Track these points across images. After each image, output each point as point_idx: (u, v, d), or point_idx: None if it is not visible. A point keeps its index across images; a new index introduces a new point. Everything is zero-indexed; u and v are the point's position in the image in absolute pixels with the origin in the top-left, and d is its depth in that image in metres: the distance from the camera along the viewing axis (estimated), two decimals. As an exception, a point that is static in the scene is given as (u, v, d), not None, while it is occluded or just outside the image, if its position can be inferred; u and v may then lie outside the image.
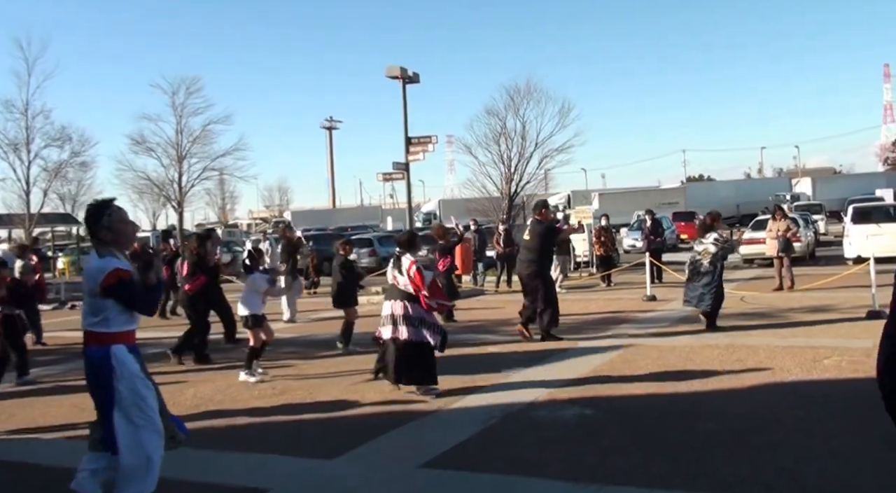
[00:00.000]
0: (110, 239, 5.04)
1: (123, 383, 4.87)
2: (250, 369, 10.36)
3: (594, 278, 23.11)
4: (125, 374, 4.88)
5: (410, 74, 22.87)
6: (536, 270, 12.71)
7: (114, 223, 5.03)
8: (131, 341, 5.08)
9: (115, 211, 5.09)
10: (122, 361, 4.90)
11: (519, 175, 30.32)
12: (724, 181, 73.65)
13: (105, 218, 5.02)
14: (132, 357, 4.98)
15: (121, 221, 5.09)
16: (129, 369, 4.91)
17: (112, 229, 5.02)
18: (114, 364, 4.88)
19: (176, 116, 39.60)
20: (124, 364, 4.90)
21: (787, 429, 6.76)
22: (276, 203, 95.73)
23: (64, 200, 42.97)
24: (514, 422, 7.53)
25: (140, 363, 5.05)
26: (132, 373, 4.91)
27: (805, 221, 27.17)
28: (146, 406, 4.92)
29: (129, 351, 4.99)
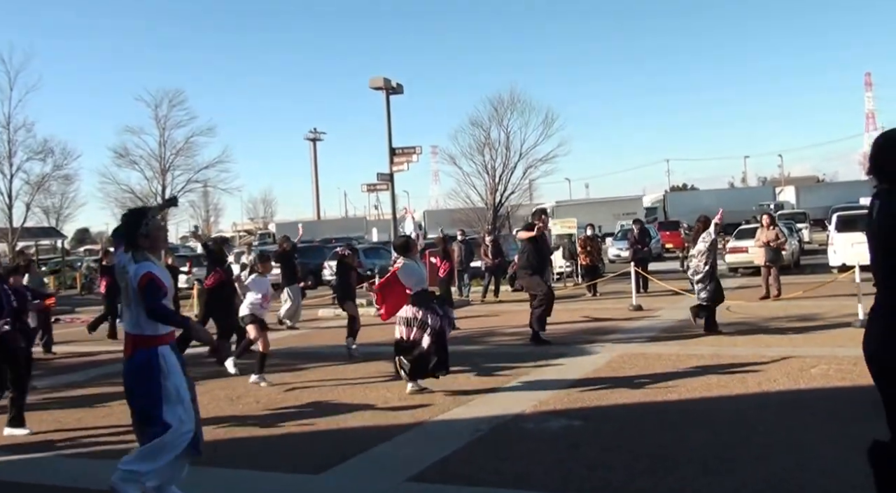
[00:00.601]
0: (148, 245, 5.36)
1: (171, 379, 5.17)
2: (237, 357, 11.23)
3: (580, 287, 23.10)
4: (172, 370, 5.20)
5: (394, 85, 22.83)
6: (527, 271, 13.14)
7: (151, 230, 5.37)
8: (172, 341, 5.39)
9: (151, 219, 5.45)
10: (168, 359, 5.22)
11: (503, 185, 30.38)
12: (708, 190, 73.82)
13: (143, 226, 5.35)
14: (175, 357, 5.31)
15: (157, 228, 5.47)
16: (175, 368, 5.24)
17: (150, 236, 5.36)
18: (161, 363, 5.18)
19: (159, 129, 39.52)
20: (170, 362, 5.21)
21: (774, 440, 6.73)
22: (260, 215, 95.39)
23: (48, 213, 42.64)
24: (501, 434, 7.48)
25: (182, 364, 5.37)
26: (178, 371, 5.24)
27: (789, 229, 27.25)
28: (188, 406, 5.26)
29: (174, 349, 5.34)
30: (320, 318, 19.87)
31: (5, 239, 35.62)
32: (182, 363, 5.39)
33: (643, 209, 54.77)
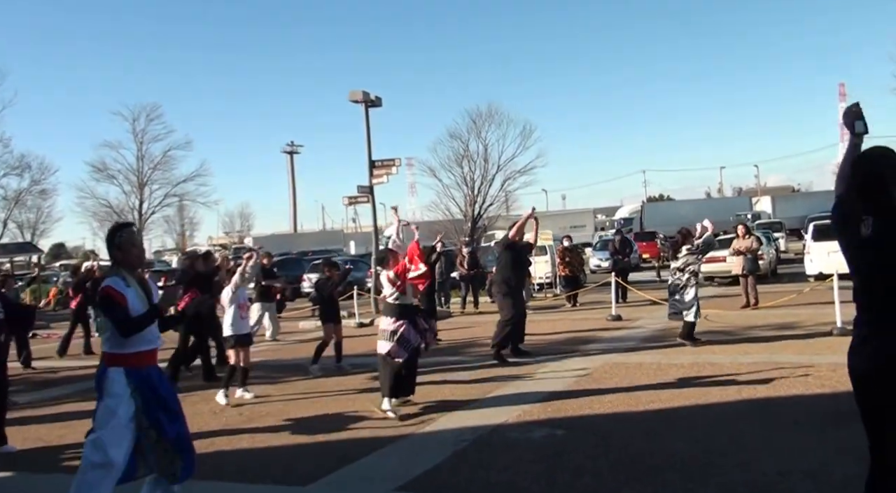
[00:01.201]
0: (119, 258, 5.32)
1: (105, 400, 5.09)
2: (227, 389, 10.50)
3: (559, 298, 23.20)
4: (113, 394, 5.07)
5: (373, 98, 22.91)
6: (500, 288, 13.03)
7: (123, 243, 5.32)
8: (139, 362, 5.19)
9: (126, 233, 5.42)
10: (114, 383, 5.09)
11: (482, 197, 30.47)
12: (684, 200, 74.20)
13: (116, 238, 5.34)
14: (124, 381, 5.09)
15: (129, 242, 5.37)
16: (116, 391, 5.07)
17: (121, 249, 5.31)
18: (106, 384, 5.11)
19: (137, 143, 39.40)
20: (115, 387, 5.08)
21: (756, 446, 6.81)
22: (236, 229, 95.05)
23: (22, 228, 42.33)
24: (485, 444, 7.51)
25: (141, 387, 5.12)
26: (118, 395, 5.07)
27: (767, 239, 27.48)
28: (114, 427, 5.03)
29: (130, 374, 5.11)
30: (301, 330, 19.85)
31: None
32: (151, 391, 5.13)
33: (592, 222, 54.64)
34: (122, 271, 5.28)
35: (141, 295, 5.26)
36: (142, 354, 5.22)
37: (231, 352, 10.63)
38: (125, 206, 39.55)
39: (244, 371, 10.67)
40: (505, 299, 12.94)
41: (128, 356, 5.15)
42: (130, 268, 5.37)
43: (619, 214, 64.73)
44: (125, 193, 39.52)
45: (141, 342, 5.20)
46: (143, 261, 5.57)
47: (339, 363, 12.70)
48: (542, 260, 26.17)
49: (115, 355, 5.16)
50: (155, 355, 5.41)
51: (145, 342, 5.24)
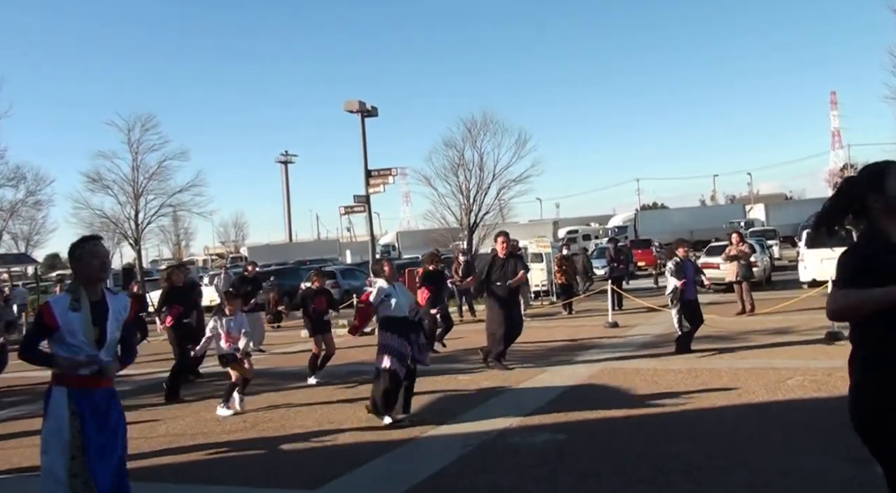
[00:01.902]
0: (78, 270, 5.02)
1: (48, 422, 4.85)
2: (227, 402, 10.42)
3: (556, 306, 23.32)
4: (54, 415, 4.83)
5: (369, 108, 23.06)
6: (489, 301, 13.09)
7: (83, 255, 4.98)
8: (80, 383, 4.85)
9: (88, 245, 5.05)
10: (54, 402, 4.84)
11: (478, 206, 30.55)
12: (678, 208, 74.52)
13: (77, 250, 5.00)
14: (66, 402, 4.81)
15: (90, 254, 5.00)
16: (56, 413, 4.83)
17: (80, 261, 4.97)
18: (49, 402, 4.87)
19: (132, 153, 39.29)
20: (54, 405, 4.84)
21: (756, 449, 6.93)
22: (231, 239, 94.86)
23: (17, 240, 42.21)
24: (489, 449, 7.62)
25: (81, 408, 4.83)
26: (58, 417, 4.81)
27: (760, 246, 27.63)
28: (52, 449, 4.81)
29: (71, 395, 4.82)
30: (302, 339, 19.89)
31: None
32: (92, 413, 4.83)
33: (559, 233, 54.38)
34: (79, 290, 4.93)
35: (86, 319, 4.86)
36: (86, 377, 4.86)
37: (231, 371, 10.61)
38: (121, 216, 39.42)
39: (244, 381, 10.68)
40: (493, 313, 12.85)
41: (70, 377, 4.84)
42: (92, 282, 5.01)
43: (612, 222, 64.95)
44: (120, 203, 39.38)
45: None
46: (105, 273, 5.14)
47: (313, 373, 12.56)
48: (538, 267, 26.30)
49: (57, 374, 4.89)
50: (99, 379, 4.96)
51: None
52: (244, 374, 10.56)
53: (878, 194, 3.36)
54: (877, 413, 3.32)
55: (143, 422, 9.95)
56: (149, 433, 9.24)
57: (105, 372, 4.91)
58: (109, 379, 5.01)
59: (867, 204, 3.40)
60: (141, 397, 12.03)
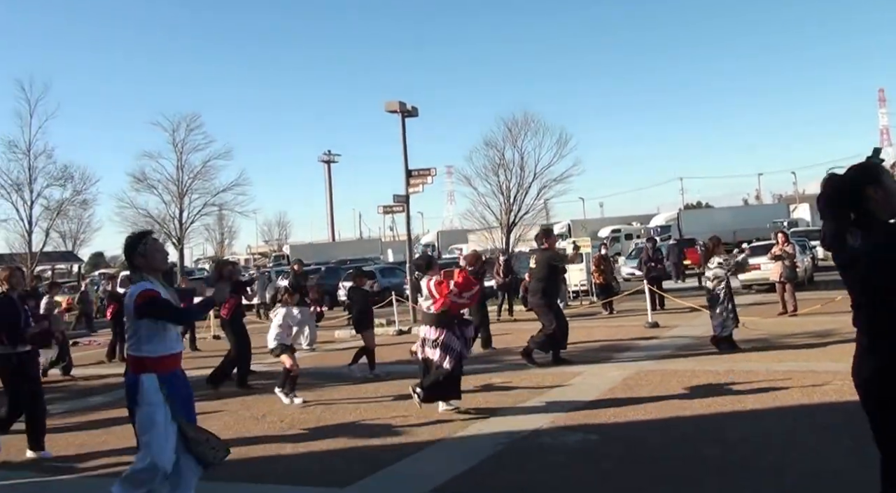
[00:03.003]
0: (143, 264, 5.54)
1: (145, 409, 5.29)
2: (283, 387, 10.93)
3: (595, 305, 23.22)
4: (150, 401, 5.27)
5: (409, 108, 23.10)
6: (541, 297, 13.03)
7: (148, 250, 5.56)
8: (166, 367, 5.41)
9: (150, 240, 5.68)
10: (147, 390, 5.28)
11: (518, 205, 30.44)
12: (721, 208, 73.69)
13: (140, 246, 5.56)
14: (157, 386, 5.30)
15: (154, 248, 5.63)
16: (152, 398, 5.28)
17: (146, 256, 5.55)
18: (140, 391, 5.29)
19: (176, 153, 39.87)
20: (148, 393, 5.28)
21: (788, 452, 6.89)
22: (274, 238, 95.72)
23: (64, 238, 42.94)
24: (519, 449, 7.66)
25: (172, 392, 5.35)
26: (154, 401, 5.27)
27: (803, 246, 27.27)
28: (157, 432, 5.27)
29: (162, 380, 5.33)
30: (337, 339, 20.06)
31: (24, 264, 35.89)
32: (179, 395, 5.42)
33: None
34: (148, 277, 5.50)
35: (171, 296, 5.58)
36: (169, 357, 5.45)
37: (284, 358, 10.94)
38: (165, 215, 39.99)
39: (293, 377, 10.95)
40: (545, 310, 13.08)
41: (158, 360, 5.37)
42: (157, 272, 5.62)
43: (654, 221, 64.30)
44: (165, 202, 39.98)
45: (167, 347, 5.44)
46: (167, 264, 5.86)
47: (373, 371, 12.91)
48: (576, 268, 26.21)
49: (143, 360, 5.37)
50: (180, 358, 5.63)
51: (170, 347, 5.47)
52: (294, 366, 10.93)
53: (876, 187, 3.76)
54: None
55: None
56: (186, 430, 9.37)
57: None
58: (180, 361, 5.63)
59: (866, 194, 3.76)
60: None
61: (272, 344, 11.03)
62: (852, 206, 3.79)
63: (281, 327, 11.02)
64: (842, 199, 3.82)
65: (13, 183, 35.23)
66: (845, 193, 3.82)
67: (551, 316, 12.99)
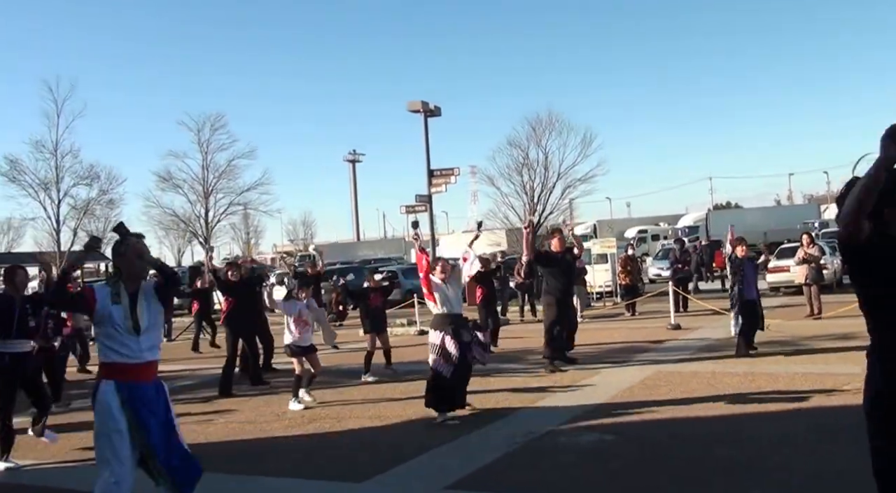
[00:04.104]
0: (121, 265, 5.24)
1: (99, 418, 5.02)
2: (297, 397, 10.75)
3: (618, 307, 23.17)
4: (103, 410, 4.99)
5: (432, 108, 23.21)
6: (543, 295, 13.13)
7: (127, 251, 5.19)
8: (126, 376, 5.03)
9: (133, 243, 5.23)
10: (105, 397, 5.00)
11: (542, 205, 30.45)
12: (751, 208, 73.01)
13: (122, 247, 5.20)
14: (115, 396, 4.97)
15: (133, 250, 5.20)
16: (105, 407, 4.98)
17: (124, 256, 5.20)
18: (99, 398, 5.03)
19: (202, 153, 40.18)
20: (105, 401, 4.99)
21: (799, 452, 6.93)
22: (300, 237, 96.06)
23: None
24: (534, 447, 7.72)
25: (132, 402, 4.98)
26: (107, 411, 4.97)
27: (833, 248, 27.00)
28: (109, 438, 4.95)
29: (119, 388, 4.98)
30: (360, 338, 20.11)
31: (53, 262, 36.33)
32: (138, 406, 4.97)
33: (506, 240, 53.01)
34: (119, 285, 5.14)
35: (125, 312, 5.05)
36: (133, 366, 5.04)
37: (293, 360, 10.93)
38: (191, 214, 40.32)
39: (310, 376, 10.99)
40: (550, 309, 12.96)
41: (119, 367, 5.02)
42: (133, 279, 5.21)
43: (682, 222, 63.91)
44: (190, 202, 40.30)
45: (126, 355, 5.02)
46: (146, 271, 5.35)
47: (390, 367, 13.02)
48: (601, 268, 26.17)
49: (105, 365, 5.09)
50: (148, 369, 5.14)
51: (134, 356, 5.04)
52: (314, 368, 10.96)
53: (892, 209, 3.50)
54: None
55: (200, 414, 10.25)
56: (206, 426, 9.52)
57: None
58: (150, 374, 5.18)
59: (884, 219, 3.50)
60: (200, 391, 12.39)
61: (287, 341, 10.99)
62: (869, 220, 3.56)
63: (295, 324, 11.01)
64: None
65: (41, 182, 35.71)
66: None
67: (550, 315, 12.86)
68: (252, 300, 13.39)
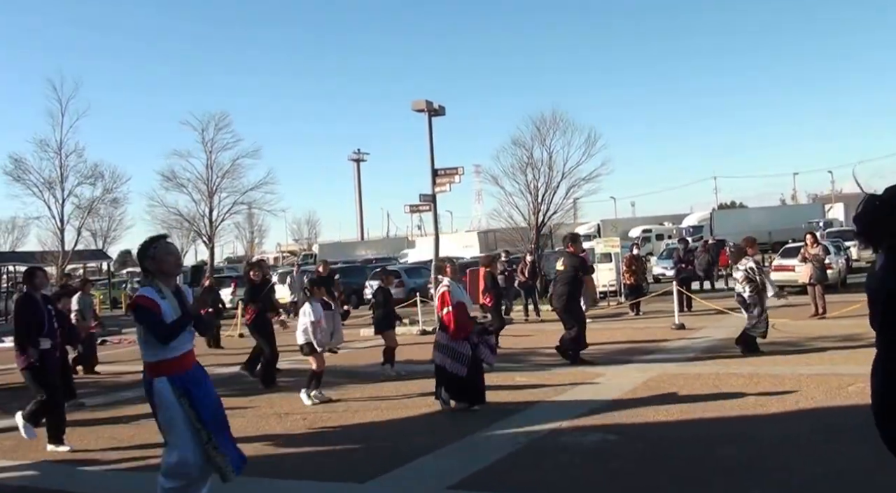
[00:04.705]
0: (154, 268, 5.45)
1: (164, 413, 5.33)
2: (308, 388, 10.91)
3: (622, 306, 23.11)
4: (166, 405, 5.30)
5: (436, 107, 23.11)
6: (566, 301, 13.06)
7: (157, 254, 5.45)
8: (176, 369, 5.36)
9: (161, 245, 5.53)
10: (162, 393, 5.31)
11: (546, 205, 30.26)
12: (755, 208, 72.98)
13: (151, 250, 5.46)
14: (170, 388, 5.29)
15: (164, 252, 5.49)
16: (166, 400, 5.31)
17: (155, 259, 5.44)
18: (155, 395, 5.34)
19: (206, 152, 40.10)
20: (164, 396, 5.30)
21: (801, 453, 6.90)
22: (304, 236, 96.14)
23: (95, 236, 43.33)
24: (538, 447, 7.70)
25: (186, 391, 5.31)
26: (169, 403, 5.29)
27: (837, 247, 26.95)
28: (178, 431, 5.30)
29: (173, 381, 5.30)
30: (362, 338, 20.10)
31: (56, 262, 36.34)
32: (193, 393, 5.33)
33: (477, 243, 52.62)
34: (157, 282, 5.42)
35: (175, 305, 5.40)
36: (177, 359, 5.37)
37: (311, 359, 10.93)
38: (195, 213, 40.28)
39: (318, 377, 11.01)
40: (566, 308, 13.13)
41: (167, 363, 5.33)
42: (165, 277, 5.49)
43: (686, 221, 63.84)
44: (195, 201, 40.26)
45: (173, 349, 5.33)
46: (179, 268, 5.67)
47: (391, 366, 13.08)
48: (606, 268, 26.11)
49: (154, 364, 5.35)
50: (191, 356, 5.54)
51: (176, 349, 5.36)
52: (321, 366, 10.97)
53: None
54: None
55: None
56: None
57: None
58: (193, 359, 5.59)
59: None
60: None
61: (300, 340, 10.98)
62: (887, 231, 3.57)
63: (312, 324, 10.95)
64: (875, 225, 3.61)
65: (45, 181, 35.69)
66: (878, 221, 3.59)
67: (574, 318, 12.99)
68: (269, 301, 13.56)
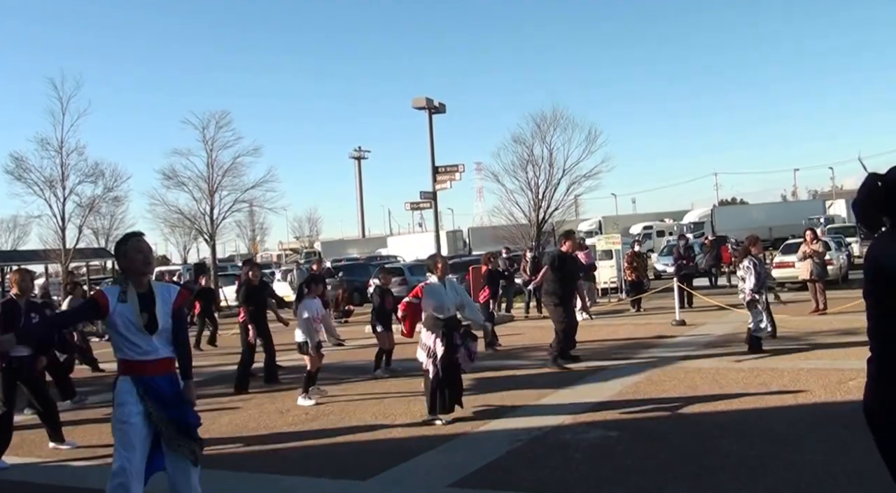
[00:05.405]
0: (123, 266, 5.32)
1: (117, 411, 5.14)
2: (307, 392, 10.79)
3: (623, 303, 23.13)
4: (122, 403, 5.12)
5: (437, 105, 23.16)
6: (551, 297, 13.15)
7: (128, 251, 5.25)
8: (141, 372, 5.15)
9: (132, 242, 5.29)
10: (121, 393, 5.15)
11: (547, 202, 30.30)
12: (756, 204, 72.94)
13: (123, 247, 5.29)
14: (132, 388, 5.11)
15: (134, 249, 5.26)
16: (123, 399, 5.13)
17: (126, 257, 5.26)
18: (116, 393, 5.18)
19: (206, 150, 40.01)
20: (122, 396, 5.13)
21: (806, 449, 6.90)
22: (305, 234, 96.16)
23: (97, 234, 43.31)
24: (539, 444, 7.71)
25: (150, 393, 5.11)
26: (125, 403, 5.11)
27: (838, 243, 26.96)
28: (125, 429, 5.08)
29: (137, 382, 5.12)
30: (366, 334, 20.12)
31: (58, 260, 36.35)
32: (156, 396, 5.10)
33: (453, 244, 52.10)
34: (127, 283, 5.22)
35: (135, 309, 5.13)
36: (144, 363, 5.14)
37: (307, 358, 10.92)
38: (196, 212, 40.22)
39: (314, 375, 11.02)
40: (556, 308, 13.01)
41: (128, 364, 5.16)
42: (136, 275, 5.27)
43: (687, 218, 63.83)
44: (195, 199, 40.19)
45: (140, 352, 5.13)
46: (147, 267, 5.36)
47: (389, 367, 13.07)
48: (607, 264, 26.15)
49: (122, 362, 5.20)
50: (161, 364, 5.23)
51: (144, 352, 5.14)
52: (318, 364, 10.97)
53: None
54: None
55: (207, 411, 10.20)
56: (211, 424, 9.49)
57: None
58: (165, 368, 5.27)
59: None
60: (208, 388, 12.34)
61: (299, 338, 10.95)
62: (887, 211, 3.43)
63: (307, 321, 10.97)
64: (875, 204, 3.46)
65: (46, 180, 35.66)
66: (879, 200, 3.44)
67: (561, 315, 12.94)
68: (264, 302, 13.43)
